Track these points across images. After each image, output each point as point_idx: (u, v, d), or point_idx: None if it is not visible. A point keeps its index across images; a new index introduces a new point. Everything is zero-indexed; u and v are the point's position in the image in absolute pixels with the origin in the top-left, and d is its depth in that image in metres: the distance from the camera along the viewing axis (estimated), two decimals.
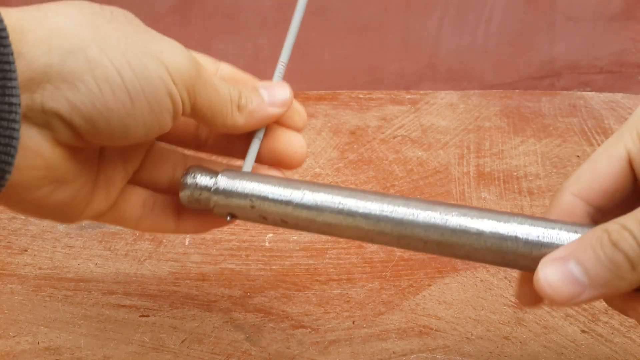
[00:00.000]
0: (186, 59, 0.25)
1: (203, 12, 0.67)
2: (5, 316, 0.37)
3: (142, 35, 0.25)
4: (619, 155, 0.25)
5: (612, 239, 0.21)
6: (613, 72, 0.72)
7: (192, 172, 0.29)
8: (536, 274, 0.23)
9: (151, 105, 0.24)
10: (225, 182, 0.28)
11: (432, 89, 0.69)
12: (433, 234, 0.25)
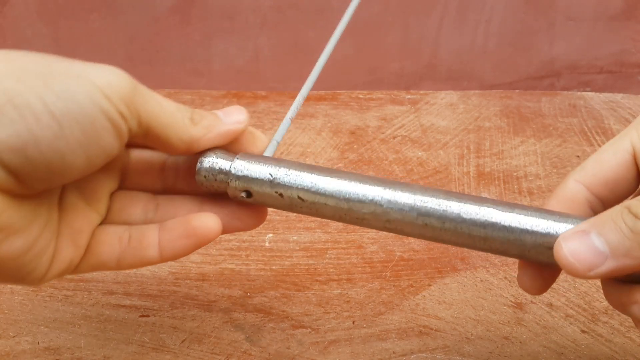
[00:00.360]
0: (117, 74, 0.23)
1: (203, 12, 0.67)
2: (5, 316, 0.37)
3: (64, 62, 0.23)
4: (624, 148, 0.26)
5: (633, 211, 0.22)
6: (613, 72, 0.72)
7: (212, 151, 0.28)
8: (557, 246, 0.23)
9: (82, 125, 0.22)
10: (244, 159, 0.27)
11: (432, 89, 0.69)
12: (450, 215, 0.25)
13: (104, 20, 0.68)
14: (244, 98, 0.66)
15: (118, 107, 0.23)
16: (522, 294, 0.39)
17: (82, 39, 0.70)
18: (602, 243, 0.23)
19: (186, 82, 0.70)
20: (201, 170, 0.27)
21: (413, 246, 0.44)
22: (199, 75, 0.71)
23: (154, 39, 0.69)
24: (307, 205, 0.27)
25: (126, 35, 0.69)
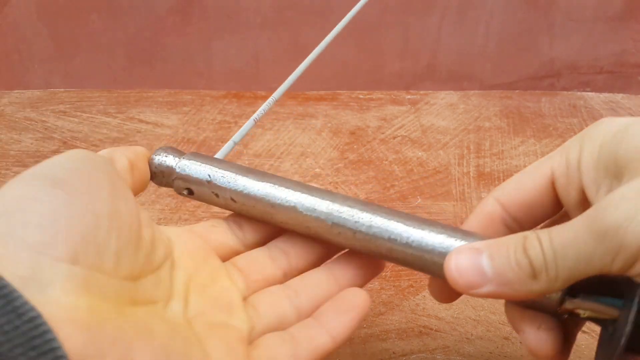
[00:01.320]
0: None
1: (203, 12, 0.67)
2: None
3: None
4: (543, 173, 0.26)
5: (526, 244, 0.22)
6: (613, 72, 0.72)
7: (164, 148, 0.30)
8: (447, 257, 0.24)
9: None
10: (190, 159, 0.29)
11: (432, 89, 0.69)
12: (361, 227, 0.27)
13: (104, 20, 0.68)
14: (244, 98, 0.66)
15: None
16: None
17: (82, 39, 0.70)
18: (489, 265, 0.22)
19: (186, 82, 0.70)
20: (151, 166, 0.29)
21: None
22: (199, 75, 0.71)
23: (154, 39, 0.69)
24: (238, 207, 0.29)
25: (126, 35, 0.69)
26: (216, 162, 0.29)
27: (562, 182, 0.25)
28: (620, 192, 0.20)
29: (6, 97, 0.66)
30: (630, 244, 0.19)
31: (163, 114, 0.63)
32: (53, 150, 0.56)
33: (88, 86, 0.69)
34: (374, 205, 0.27)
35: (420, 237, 0.26)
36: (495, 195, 0.27)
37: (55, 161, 0.22)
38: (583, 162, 0.24)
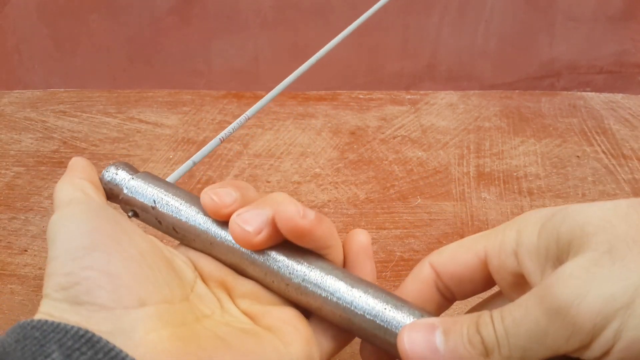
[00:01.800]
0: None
1: (203, 12, 0.67)
2: (5, 316, 0.37)
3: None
4: (477, 251, 0.26)
5: (478, 322, 0.22)
6: (613, 72, 0.72)
7: (116, 165, 0.30)
8: (401, 331, 0.24)
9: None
10: (137, 182, 0.29)
11: (432, 89, 0.69)
12: (295, 279, 0.26)
13: (104, 20, 0.68)
14: (244, 98, 0.66)
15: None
16: None
17: (82, 39, 0.70)
18: (442, 342, 0.23)
19: (186, 82, 0.70)
20: (102, 180, 0.30)
21: (413, 246, 0.44)
22: (199, 75, 0.71)
23: (154, 39, 0.69)
24: (180, 237, 0.29)
25: (126, 35, 0.69)
26: (165, 188, 0.29)
27: (494, 264, 0.26)
28: (567, 269, 0.20)
29: (6, 97, 0.66)
30: (583, 323, 0.19)
31: (163, 114, 0.63)
32: (53, 150, 0.56)
33: (88, 86, 0.69)
34: (315, 259, 0.27)
35: (351, 300, 0.25)
36: (430, 261, 0.28)
37: (74, 229, 0.24)
38: (522, 247, 0.24)
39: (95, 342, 0.20)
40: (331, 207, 0.48)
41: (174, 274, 0.25)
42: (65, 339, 0.20)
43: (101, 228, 0.24)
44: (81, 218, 0.25)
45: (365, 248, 0.28)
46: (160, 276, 0.24)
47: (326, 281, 0.26)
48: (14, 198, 0.49)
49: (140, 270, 0.23)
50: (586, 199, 0.49)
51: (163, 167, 0.54)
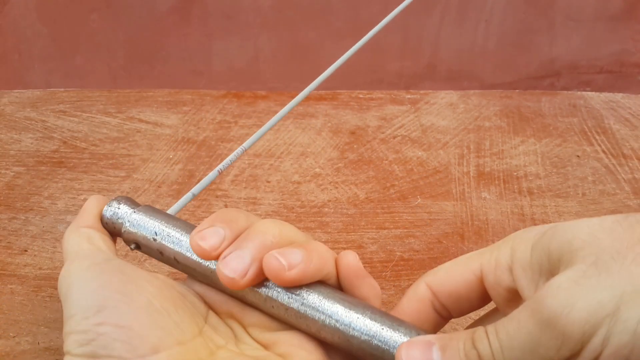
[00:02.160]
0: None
1: (203, 12, 0.67)
2: (5, 316, 0.37)
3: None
4: (472, 269, 0.27)
5: (474, 337, 0.23)
6: (613, 72, 0.72)
7: (118, 200, 0.31)
8: (399, 349, 0.24)
9: None
10: (138, 216, 0.30)
11: (432, 89, 0.69)
12: (293, 304, 0.27)
13: (104, 20, 0.68)
14: (244, 98, 0.66)
15: None
16: None
17: (82, 39, 0.70)
18: (439, 358, 0.23)
19: (186, 82, 0.70)
20: (104, 217, 0.31)
21: (413, 246, 0.44)
22: (199, 75, 0.71)
23: (154, 39, 0.69)
24: (181, 267, 0.29)
25: (126, 35, 0.69)
26: (166, 220, 0.30)
27: (490, 280, 0.26)
28: (557, 281, 0.21)
29: (6, 97, 0.66)
30: (572, 331, 0.20)
31: (163, 114, 0.63)
32: (53, 150, 0.56)
33: (88, 86, 0.69)
34: (313, 283, 0.27)
35: (349, 322, 0.26)
36: (426, 281, 0.29)
37: (83, 290, 0.26)
38: (516, 264, 0.25)
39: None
40: (331, 207, 0.48)
41: (184, 312, 0.26)
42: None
43: (109, 284, 0.26)
44: (89, 275, 0.26)
45: (354, 270, 0.28)
46: (170, 319, 0.25)
47: (324, 304, 0.26)
48: (14, 198, 0.49)
49: (149, 318, 0.25)
50: (586, 198, 0.49)
51: (163, 167, 0.54)
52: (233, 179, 0.52)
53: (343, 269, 0.27)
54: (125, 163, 0.54)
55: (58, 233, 0.45)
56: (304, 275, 0.26)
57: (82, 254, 0.28)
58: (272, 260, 0.26)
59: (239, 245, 0.27)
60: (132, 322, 0.24)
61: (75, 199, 0.49)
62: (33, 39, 0.70)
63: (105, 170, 0.53)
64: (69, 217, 0.47)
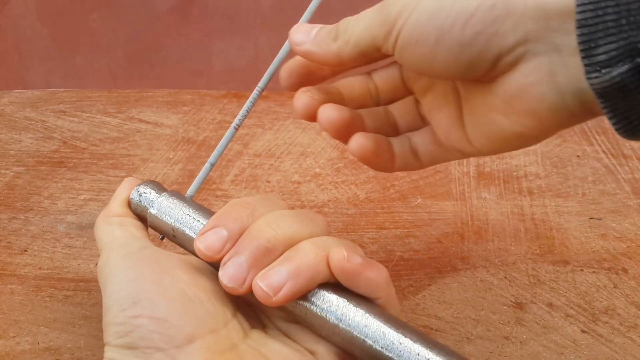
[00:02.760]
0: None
1: (203, 12, 0.67)
2: (5, 316, 0.37)
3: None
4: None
5: (341, 22, 0.30)
6: None
7: (139, 191, 0.32)
8: (291, 33, 0.31)
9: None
10: (156, 209, 0.31)
11: None
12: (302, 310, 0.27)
13: (104, 20, 0.68)
14: (244, 98, 0.66)
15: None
16: (522, 294, 0.39)
17: (82, 39, 0.70)
18: (315, 32, 0.31)
19: (186, 82, 0.70)
20: (131, 203, 0.32)
21: (413, 246, 0.44)
22: (199, 75, 0.71)
23: (154, 39, 0.69)
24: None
25: (126, 35, 0.69)
26: (181, 216, 0.30)
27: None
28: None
29: (6, 97, 0.66)
30: (390, 13, 0.27)
31: (163, 114, 0.63)
32: (53, 150, 0.56)
33: (88, 86, 0.69)
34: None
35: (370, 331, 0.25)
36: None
37: (120, 281, 0.27)
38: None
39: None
40: (331, 207, 0.48)
41: (217, 299, 0.27)
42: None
43: (144, 274, 0.27)
44: (125, 265, 0.28)
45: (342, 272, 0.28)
46: (202, 308, 0.26)
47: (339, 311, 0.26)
48: (14, 198, 0.49)
49: (184, 308, 0.26)
50: (586, 198, 0.49)
51: (163, 167, 0.54)
52: (233, 179, 0.52)
53: (334, 272, 0.27)
54: (125, 163, 0.54)
55: (58, 233, 0.45)
56: (293, 293, 0.26)
57: (117, 243, 0.29)
58: (257, 289, 0.26)
59: (237, 251, 0.27)
60: (167, 314, 0.25)
61: (75, 199, 0.49)
62: (33, 39, 0.70)
63: (105, 170, 0.53)
64: (69, 217, 0.47)
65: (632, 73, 0.22)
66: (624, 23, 0.22)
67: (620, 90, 0.23)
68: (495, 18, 0.25)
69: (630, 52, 0.22)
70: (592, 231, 0.45)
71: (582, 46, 0.23)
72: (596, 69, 0.23)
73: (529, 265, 0.41)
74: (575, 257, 0.42)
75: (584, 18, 0.23)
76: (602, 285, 0.40)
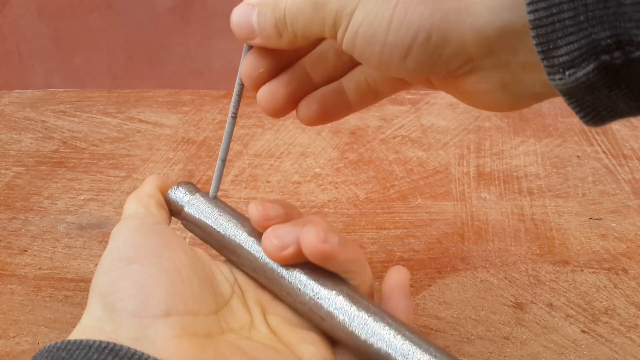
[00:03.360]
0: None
1: (203, 12, 0.67)
2: (5, 316, 0.37)
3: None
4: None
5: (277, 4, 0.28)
6: None
7: (175, 192, 0.32)
8: (232, 14, 0.30)
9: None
10: (187, 213, 0.32)
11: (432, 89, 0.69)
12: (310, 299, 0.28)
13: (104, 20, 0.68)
14: (244, 98, 0.66)
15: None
16: (522, 294, 0.39)
17: (82, 39, 0.70)
18: (256, 16, 0.29)
19: (186, 82, 0.70)
20: (168, 201, 0.32)
21: (413, 246, 0.44)
22: (199, 75, 0.71)
23: (154, 39, 0.69)
24: (227, 258, 0.31)
25: (126, 35, 0.69)
26: (214, 216, 0.31)
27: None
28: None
29: (6, 97, 0.66)
30: (329, 13, 0.25)
31: (163, 114, 0.63)
32: (53, 150, 0.56)
33: (88, 86, 0.69)
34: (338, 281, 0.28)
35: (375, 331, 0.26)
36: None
37: (121, 242, 0.27)
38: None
39: (118, 351, 0.22)
40: (331, 207, 0.48)
41: (207, 289, 0.27)
42: (91, 353, 0.22)
43: (145, 242, 0.27)
44: (131, 232, 0.28)
45: (400, 285, 0.29)
46: (190, 290, 0.26)
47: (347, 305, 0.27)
48: (14, 198, 0.49)
49: (171, 283, 0.26)
50: (586, 198, 0.49)
51: (163, 167, 0.54)
52: (233, 179, 0.52)
53: (391, 280, 0.29)
54: (125, 163, 0.54)
55: (58, 233, 0.45)
56: (335, 253, 0.27)
57: (135, 215, 0.30)
58: (310, 231, 0.27)
59: (291, 224, 0.28)
60: (153, 283, 0.25)
61: (75, 199, 0.49)
62: (33, 39, 0.70)
63: (105, 170, 0.53)
64: (69, 217, 0.47)
65: (597, 71, 0.21)
66: (583, 20, 0.21)
67: (586, 88, 0.22)
68: (434, 49, 0.24)
69: (594, 50, 0.21)
70: (592, 231, 0.45)
71: (540, 47, 0.22)
72: (559, 71, 0.22)
73: (529, 266, 0.41)
74: (575, 257, 0.42)
75: (538, 18, 0.21)
76: (602, 286, 0.40)
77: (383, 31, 0.24)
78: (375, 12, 0.24)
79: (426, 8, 0.24)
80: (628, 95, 0.22)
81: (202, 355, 0.24)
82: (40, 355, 0.23)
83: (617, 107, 0.24)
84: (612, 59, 0.21)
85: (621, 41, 0.21)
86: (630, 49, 0.21)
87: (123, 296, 0.25)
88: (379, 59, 0.25)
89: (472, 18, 0.23)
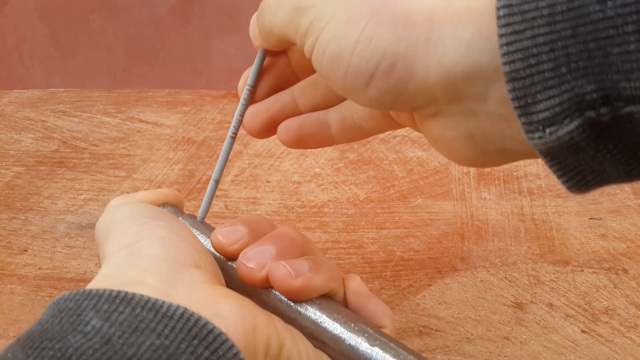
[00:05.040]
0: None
1: (203, 12, 0.67)
2: (5, 316, 0.37)
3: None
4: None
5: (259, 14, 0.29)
6: None
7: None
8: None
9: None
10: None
11: None
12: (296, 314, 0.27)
13: (104, 20, 0.68)
14: None
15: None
16: (522, 294, 0.39)
17: (82, 39, 0.70)
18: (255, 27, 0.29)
19: (186, 82, 0.70)
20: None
21: (413, 246, 0.44)
22: (199, 75, 0.71)
23: (154, 39, 0.69)
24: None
25: (126, 35, 0.69)
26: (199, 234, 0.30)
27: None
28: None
29: (6, 97, 0.66)
30: (305, 21, 0.25)
31: (163, 114, 0.63)
32: (53, 150, 0.56)
33: (88, 86, 0.69)
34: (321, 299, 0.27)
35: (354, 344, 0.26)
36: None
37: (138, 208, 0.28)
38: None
39: (130, 299, 0.21)
40: (331, 207, 0.48)
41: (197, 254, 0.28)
42: (100, 303, 0.21)
43: (162, 212, 0.28)
44: (136, 204, 0.29)
45: (362, 293, 0.29)
46: (209, 254, 0.28)
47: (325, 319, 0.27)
48: (14, 198, 0.49)
49: (196, 241, 0.27)
50: (586, 198, 0.49)
51: (163, 167, 0.54)
52: (233, 179, 0.52)
53: (350, 290, 0.28)
54: (125, 163, 0.54)
55: (58, 233, 0.45)
56: (309, 284, 0.26)
57: (124, 203, 0.30)
58: (280, 268, 0.26)
59: (262, 244, 0.28)
60: (183, 236, 0.26)
61: (75, 199, 0.49)
62: (33, 39, 0.70)
63: (105, 170, 0.53)
64: (68, 217, 0.47)
65: (582, 129, 0.19)
66: (565, 71, 0.19)
67: (569, 148, 0.20)
68: (398, 80, 0.23)
69: (578, 106, 0.19)
70: (592, 231, 0.45)
71: (517, 102, 0.20)
72: (538, 128, 0.20)
73: (529, 266, 0.41)
74: (575, 257, 0.42)
75: (514, 70, 0.19)
76: (602, 286, 0.40)
77: (349, 52, 0.23)
78: (344, 32, 0.23)
79: (394, 33, 0.22)
80: (616, 158, 0.20)
81: (240, 300, 0.24)
82: (48, 308, 0.22)
83: (604, 171, 0.21)
84: (599, 116, 0.19)
85: (608, 95, 0.18)
86: (618, 104, 0.18)
87: (151, 243, 0.25)
88: (343, 82, 0.24)
89: (440, 52, 0.22)
